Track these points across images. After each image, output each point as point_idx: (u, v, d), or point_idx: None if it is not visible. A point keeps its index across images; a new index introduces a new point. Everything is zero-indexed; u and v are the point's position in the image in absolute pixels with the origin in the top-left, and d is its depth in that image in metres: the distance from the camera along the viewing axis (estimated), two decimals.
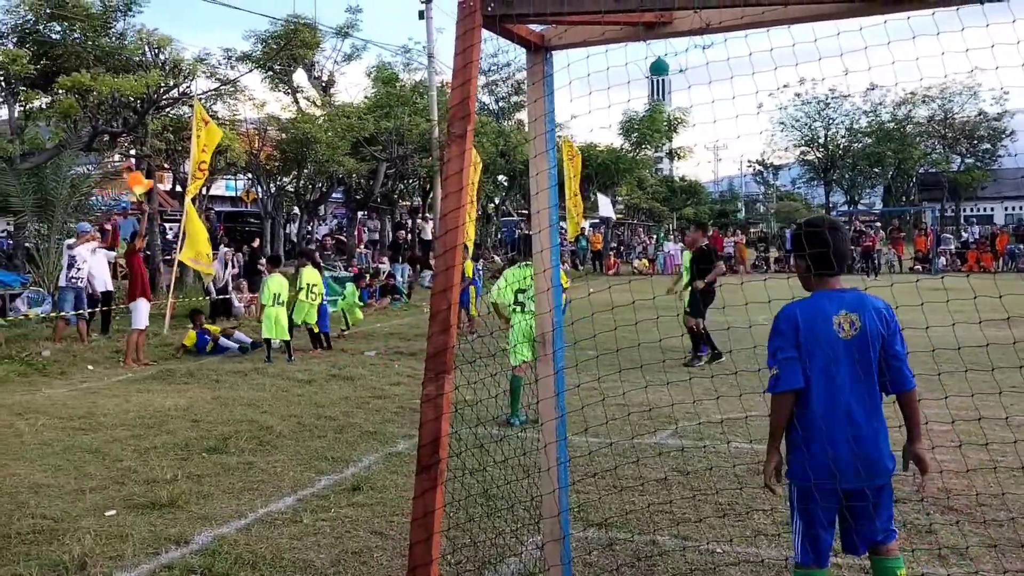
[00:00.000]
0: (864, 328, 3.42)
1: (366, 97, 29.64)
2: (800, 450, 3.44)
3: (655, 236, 53.10)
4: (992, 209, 61.45)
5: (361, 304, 17.62)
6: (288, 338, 13.02)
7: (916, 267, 31.39)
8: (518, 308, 8.38)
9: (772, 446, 3.50)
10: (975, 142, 54.98)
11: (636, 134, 40.39)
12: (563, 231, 25.12)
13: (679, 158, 53.64)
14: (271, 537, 5.19)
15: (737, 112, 4.03)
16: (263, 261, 17.99)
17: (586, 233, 40.24)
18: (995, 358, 4.53)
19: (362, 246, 30.46)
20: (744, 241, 37.77)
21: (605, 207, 34.04)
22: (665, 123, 41.98)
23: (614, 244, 41.05)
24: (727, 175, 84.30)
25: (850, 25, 3.51)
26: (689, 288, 11.92)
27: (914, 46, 3.69)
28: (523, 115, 37.49)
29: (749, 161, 62.75)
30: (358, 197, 30.43)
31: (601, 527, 5.21)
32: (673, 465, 6.43)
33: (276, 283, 13.17)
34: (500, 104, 38.04)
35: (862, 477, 3.37)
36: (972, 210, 60.03)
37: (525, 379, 8.00)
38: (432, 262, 24.57)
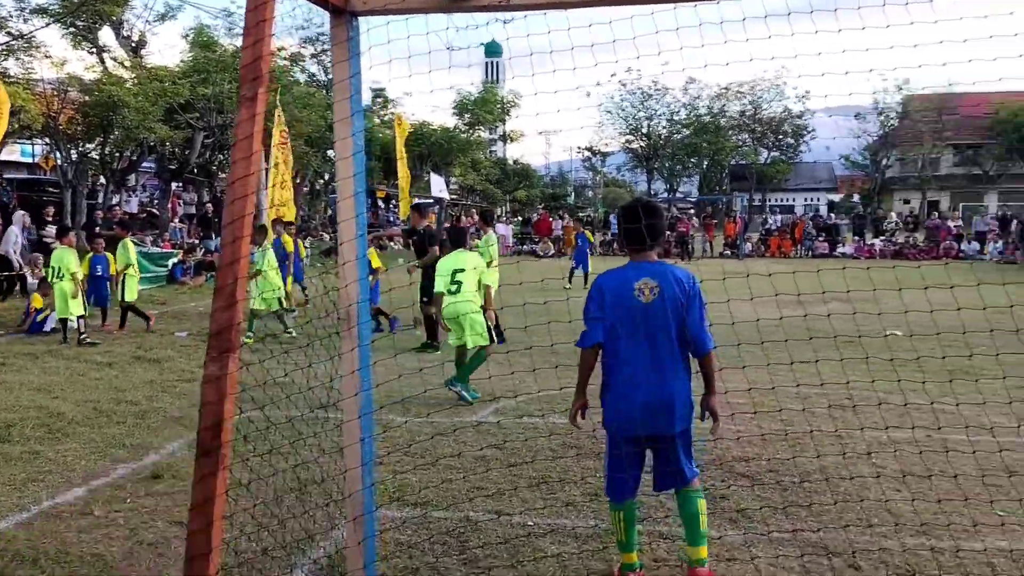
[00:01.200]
0: (663, 294, 3.83)
1: (182, 61, 27.88)
2: (607, 402, 3.92)
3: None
4: (793, 200, 66.67)
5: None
6: (82, 313, 12.02)
7: (725, 252, 33.54)
8: (453, 286, 8.14)
9: (578, 391, 4.04)
10: (780, 137, 59.34)
11: (469, 115, 40.49)
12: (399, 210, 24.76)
13: (512, 141, 54.43)
14: (56, 531, 4.78)
15: (567, 99, 4.18)
16: (54, 233, 16.49)
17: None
18: (788, 333, 4.87)
19: (176, 220, 28.72)
20: (572, 225, 38.87)
21: (438, 187, 33.91)
22: (498, 105, 42.37)
23: (447, 225, 41.07)
24: (558, 160, 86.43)
25: (668, 23, 3.65)
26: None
27: (724, 41, 3.88)
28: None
29: (578, 147, 64.66)
30: (172, 167, 28.63)
31: (416, 506, 5.16)
32: (491, 441, 6.48)
33: (60, 257, 12.08)
34: (329, 76, 36.92)
35: (660, 426, 3.83)
36: (776, 200, 64.86)
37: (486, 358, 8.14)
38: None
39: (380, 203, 45.05)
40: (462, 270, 8.13)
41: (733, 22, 3.69)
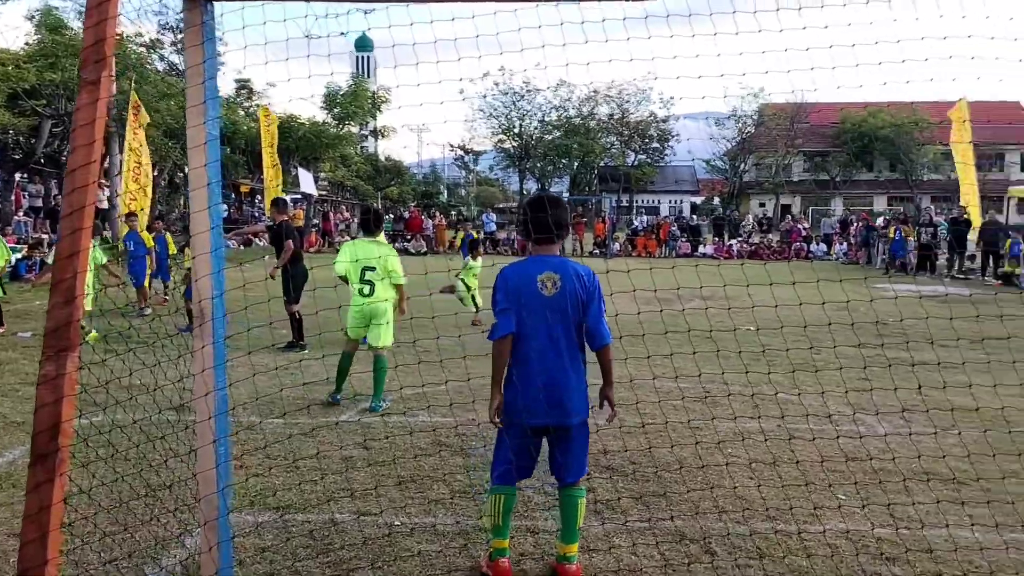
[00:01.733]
0: (564, 288, 3.92)
1: (27, 44, 25.97)
2: (510, 391, 3.95)
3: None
4: (659, 201, 69.09)
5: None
6: None
7: (595, 251, 34.37)
8: (365, 287, 7.49)
9: (495, 387, 3.97)
10: (647, 141, 61.35)
11: (339, 108, 39.70)
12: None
13: (383, 137, 53.74)
14: None
15: (438, 95, 4.16)
16: None
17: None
18: (647, 328, 5.03)
19: (21, 213, 26.73)
20: (444, 223, 38.80)
21: (307, 183, 33.05)
22: (369, 100, 41.74)
23: (316, 221, 40.07)
24: (431, 157, 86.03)
25: (541, 21, 3.69)
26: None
27: (594, 46, 3.96)
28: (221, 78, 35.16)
29: (451, 145, 64.54)
30: (16, 157, 26.62)
31: (276, 509, 5.00)
32: (355, 441, 6.37)
33: None
34: None
35: (561, 415, 3.93)
36: (643, 201, 67.04)
37: (386, 362, 7.55)
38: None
39: (244, 198, 43.51)
40: (372, 268, 7.42)
41: (596, 23, 3.77)
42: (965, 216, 24.08)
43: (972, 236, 23.96)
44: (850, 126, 55.86)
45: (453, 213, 56.19)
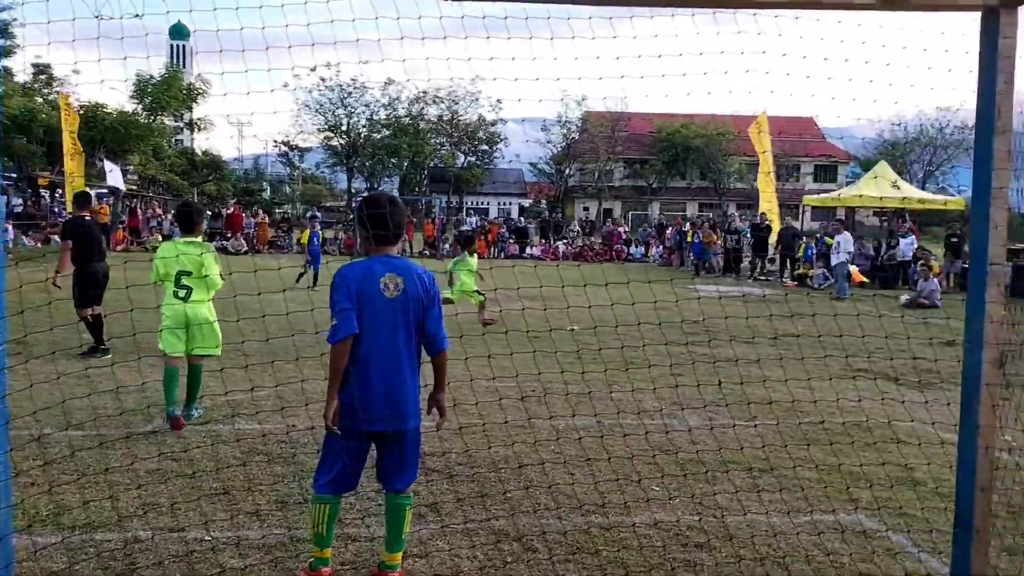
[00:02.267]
0: (406, 291, 3.85)
1: None
2: (346, 395, 3.81)
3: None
4: (488, 203, 70.14)
5: None
6: None
7: (425, 251, 34.34)
8: (180, 291, 6.75)
9: (332, 391, 3.79)
10: (476, 143, 62.09)
11: (150, 98, 37.35)
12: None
13: (200, 130, 51.12)
14: None
15: (264, 88, 4.06)
16: None
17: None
18: (466, 329, 5.06)
19: None
20: (268, 221, 37.37)
21: (114, 176, 30.82)
22: (184, 91, 39.57)
23: (124, 218, 37.44)
24: (253, 153, 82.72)
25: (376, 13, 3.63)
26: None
27: (423, 46, 3.95)
28: (7, 61, 32.13)
29: (275, 141, 62.39)
30: None
31: (75, 528, 4.62)
32: (168, 452, 6.00)
33: None
34: None
35: (397, 421, 3.85)
36: (473, 203, 67.77)
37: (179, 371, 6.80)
38: None
39: (43, 192, 39.99)
40: (189, 272, 6.77)
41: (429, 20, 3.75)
42: (766, 223, 26.14)
43: (772, 240, 26.04)
44: (665, 136, 59.19)
45: (277, 211, 54.34)
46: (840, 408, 7.36)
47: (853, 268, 20.47)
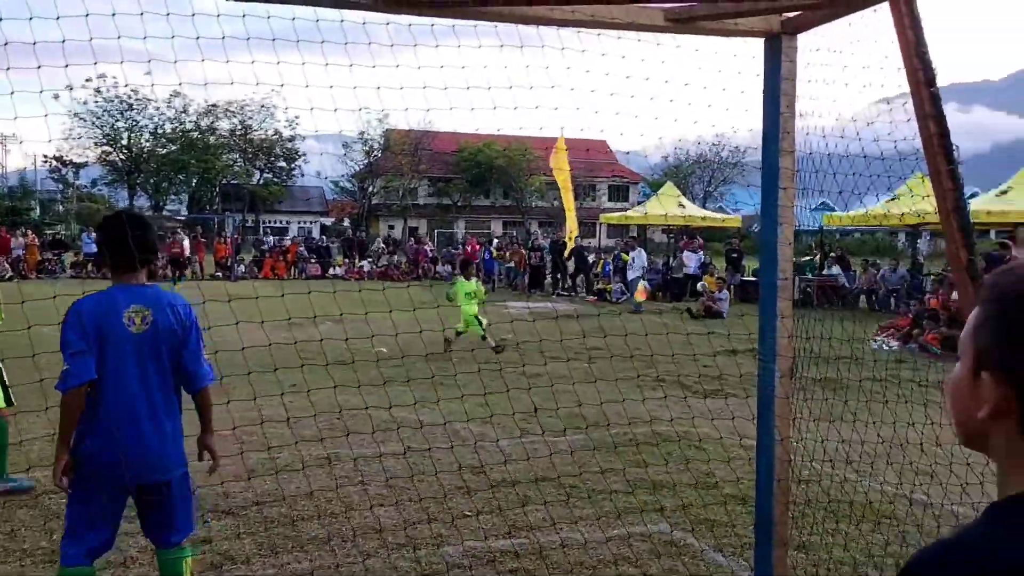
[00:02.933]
0: (156, 324, 3.41)
1: None
2: (86, 447, 3.35)
3: None
4: (288, 222, 67.87)
5: None
6: None
7: (217, 273, 32.63)
8: None
9: (62, 445, 3.33)
10: (272, 159, 60.05)
11: None
12: None
13: None
14: None
15: (28, 100, 3.59)
16: None
17: None
18: (277, 359, 4.75)
19: None
20: (37, 243, 34.00)
21: None
22: None
23: None
24: (18, 168, 75.22)
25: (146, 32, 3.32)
26: None
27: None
28: None
29: (45, 156, 57.06)
30: None
31: None
32: None
33: None
34: None
35: (153, 473, 3.40)
36: (271, 222, 65.35)
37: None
38: None
39: None
40: None
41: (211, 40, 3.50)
42: (564, 240, 27.15)
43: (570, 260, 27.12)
44: (468, 155, 60.20)
45: (48, 233, 49.61)
46: (645, 414, 7.66)
47: (642, 284, 21.64)
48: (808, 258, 24.54)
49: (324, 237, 42.09)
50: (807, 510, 5.17)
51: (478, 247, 33.19)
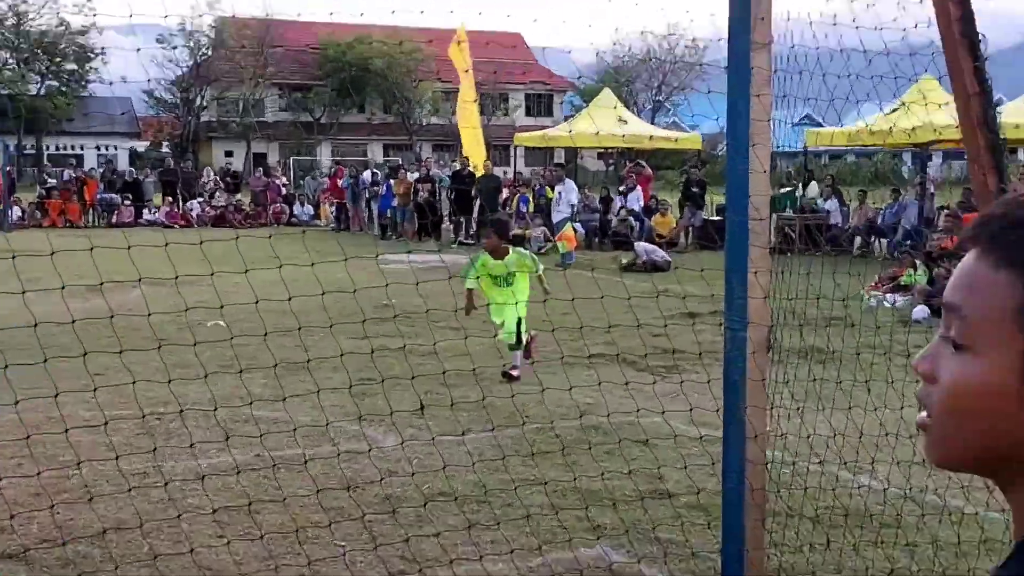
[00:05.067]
0: None
1: None
2: None
3: None
4: (83, 147, 65.54)
5: None
6: None
7: None
8: None
9: None
10: (58, 60, 57.72)
11: None
12: None
13: None
14: None
15: None
16: None
17: None
18: (84, 338, 4.52)
19: None
20: None
21: None
22: None
23: None
24: None
25: None
26: None
27: None
28: None
29: None
30: None
31: None
32: None
33: None
34: None
35: None
36: (59, 147, 63.03)
37: None
38: None
39: None
40: None
41: None
42: (468, 169, 26.95)
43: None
44: (333, 53, 59.04)
45: None
46: (574, 405, 7.69)
47: (571, 228, 21.63)
48: (788, 189, 25.00)
49: (134, 169, 40.80)
50: (788, 522, 5.28)
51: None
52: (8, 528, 5.41)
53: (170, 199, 34.70)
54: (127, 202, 33.54)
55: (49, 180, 36.30)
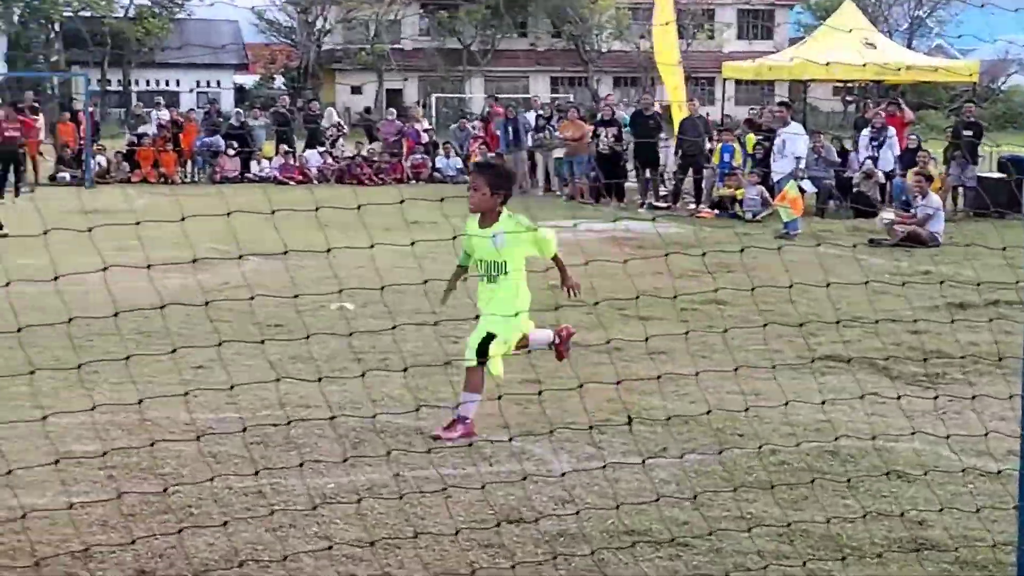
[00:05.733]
0: None
1: None
2: None
3: None
4: (178, 83, 68.05)
5: None
6: None
7: (60, 172, 32.79)
8: None
9: None
10: None
11: None
12: None
13: None
14: None
15: None
16: None
17: None
18: (172, 323, 4.72)
19: None
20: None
21: None
22: None
23: None
24: None
25: None
26: None
27: None
28: None
29: None
30: None
31: None
32: None
33: None
34: None
35: None
36: (149, 83, 65.50)
37: None
38: None
39: None
40: None
41: None
42: (653, 110, 26.52)
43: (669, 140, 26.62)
44: None
45: None
46: (799, 423, 7.59)
47: (793, 187, 20.88)
48: None
49: (242, 110, 41.90)
50: None
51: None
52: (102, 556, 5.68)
53: (285, 148, 35.34)
54: (231, 151, 34.28)
55: (142, 124, 37.05)
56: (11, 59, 59.82)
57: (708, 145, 26.17)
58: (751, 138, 24.62)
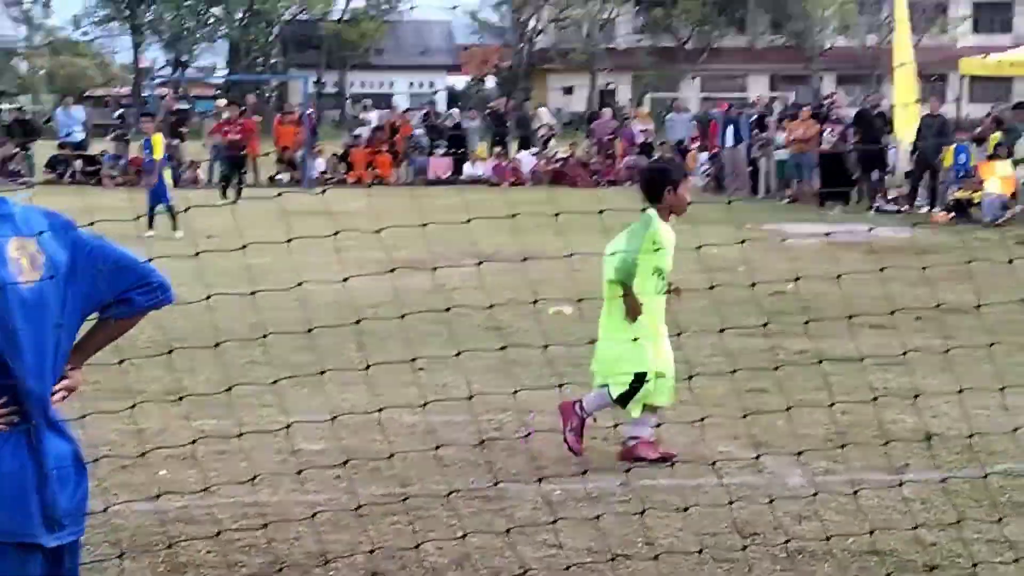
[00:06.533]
0: (52, 262, 3.44)
1: None
2: None
3: None
4: (393, 84, 69.53)
5: None
6: None
7: (279, 174, 33.80)
8: None
9: None
10: None
11: None
12: None
13: None
14: None
15: None
16: None
17: None
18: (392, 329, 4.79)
19: None
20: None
21: None
22: None
23: None
24: None
25: None
26: None
27: None
28: None
29: None
30: None
31: None
32: None
33: None
34: None
35: (71, 521, 3.52)
36: (364, 85, 67.09)
37: None
38: None
39: None
40: None
41: None
42: (878, 110, 25.91)
43: (904, 142, 25.99)
44: None
45: (3, 108, 53.34)
46: None
47: None
48: None
49: (456, 111, 42.55)
50: None
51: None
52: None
53: (499, 148, 35.78)
54: (439, 150, 34.91)
55: (359, 127, 37.95)
56: (231, 64, 62.16)
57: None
58: (994, 137, 23.85)
